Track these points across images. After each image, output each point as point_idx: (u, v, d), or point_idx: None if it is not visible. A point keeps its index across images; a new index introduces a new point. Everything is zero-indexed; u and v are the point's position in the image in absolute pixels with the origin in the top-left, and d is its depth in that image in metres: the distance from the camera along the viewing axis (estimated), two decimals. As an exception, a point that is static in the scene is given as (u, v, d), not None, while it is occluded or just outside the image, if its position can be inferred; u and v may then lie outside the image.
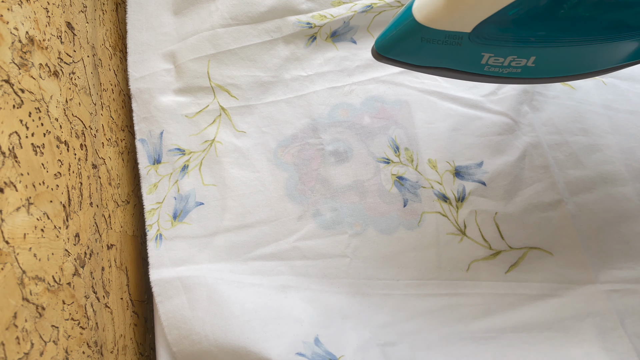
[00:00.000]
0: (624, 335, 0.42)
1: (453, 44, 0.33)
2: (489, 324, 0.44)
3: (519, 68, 0.36)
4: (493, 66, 0.36)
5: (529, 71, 0.36)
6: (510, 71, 0.36)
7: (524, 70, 0.36)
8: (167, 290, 0.44)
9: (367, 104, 0.50)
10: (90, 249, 0.39)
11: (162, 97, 0.50)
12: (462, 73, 0.37)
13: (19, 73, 0.32)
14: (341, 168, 0.48)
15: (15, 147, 0.30)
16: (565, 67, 0.37)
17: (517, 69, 0.36)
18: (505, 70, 0.36)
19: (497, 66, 0.36)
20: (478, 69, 0.36)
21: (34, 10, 0.35)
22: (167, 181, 0.48)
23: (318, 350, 0.42)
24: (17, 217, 0.29)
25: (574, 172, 0.47)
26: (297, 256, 0.46)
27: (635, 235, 0.45)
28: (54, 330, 0.31)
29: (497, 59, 0.35)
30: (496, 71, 0.36)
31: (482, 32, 0.32)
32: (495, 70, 0.36)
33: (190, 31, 0.52)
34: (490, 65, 0.36)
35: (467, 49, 0.33)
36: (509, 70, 0.36)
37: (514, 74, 0.37)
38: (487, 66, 0.36)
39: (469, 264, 0.46)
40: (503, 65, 0.36)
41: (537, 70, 0.36)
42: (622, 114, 0.49)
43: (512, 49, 0.34)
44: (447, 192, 0.48)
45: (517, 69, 0.36)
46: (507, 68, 0.36)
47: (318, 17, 0.51)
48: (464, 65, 0.36)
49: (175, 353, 0.42)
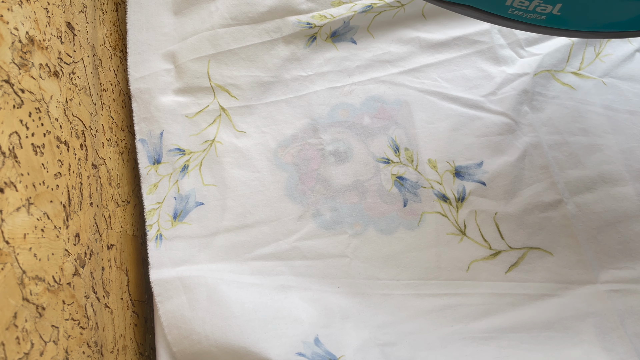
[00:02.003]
0: (624, 335, 0.42)
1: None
2: (489, 324, 0.44)
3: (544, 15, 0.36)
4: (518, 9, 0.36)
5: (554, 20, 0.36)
6: (534, 17, 0.36)
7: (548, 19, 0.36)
8: (167, 290, 0.44)
9: (367, 104, 0.50)
10: (90, 249, 0.39)
11: (162, 97, 0.50)
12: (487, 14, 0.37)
13: (19, 73, 0.32)
14: (341, 168, 0.48)
15: (15, 147, 0.30)
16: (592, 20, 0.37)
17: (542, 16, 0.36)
18: (530, 15, 0.36)
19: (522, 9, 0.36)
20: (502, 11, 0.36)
21: (34, 10, 0.35)
22: (167, 181, 0.48)
23: (318, 350, 0.42)
24: (17, 217, 0.29)
25: (574, 172, 0.47)
26: (297, 256, 0.46)
27: (635, 235, 0.45)
28: (54, 330, 0.31)
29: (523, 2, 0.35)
30: (520, 15, 0.36)
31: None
32: (519, 14, 0.36)
33: (190, 31, 0.52)
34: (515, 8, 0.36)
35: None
36: (533, 15, 0.36)
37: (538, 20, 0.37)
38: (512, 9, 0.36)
39: (469, 264, 0.46)
40: (528, 10, 0.36)
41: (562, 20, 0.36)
42: (622, 114, 0.49)
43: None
44: (447, 192, 0.48)
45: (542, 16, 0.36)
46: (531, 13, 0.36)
47: (318, 17, 0.51)
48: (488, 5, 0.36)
49: (175, 353, 0.43)
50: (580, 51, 0.51)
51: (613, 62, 0.50)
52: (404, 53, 0.51)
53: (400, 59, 0.51)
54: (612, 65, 0.50)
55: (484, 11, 0.37)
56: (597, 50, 0.51)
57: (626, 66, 0.50)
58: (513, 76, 0.49)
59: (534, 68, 0.49)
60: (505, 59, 0.50)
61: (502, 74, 0.50)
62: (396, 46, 0.52)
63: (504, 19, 0.37)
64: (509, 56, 0.50)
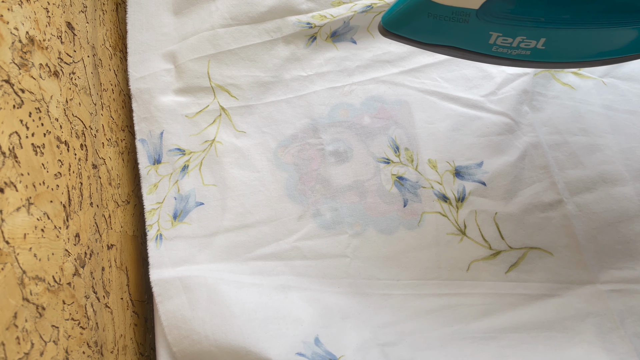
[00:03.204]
0: (624, 335, 0.42)
1: (460, 21, 0.33)
2: (489, 324, 0.44)
3: (528, 50, 0.35)
4: (501, 46, 0.35)
5: (539, 54, 0.36)
6: (519, 53, 0.36)
7: (533, 53, 0.36)
8: (167, 290, 0.44)
9: (367, 104, 0.50)
10: (90, 249, 0.39)
11: (162, 97, 0.50)
12: (470, 53, 0.36)
13: (19, 73, 0.32)
14: (341, 168, 0.48)
15: (15, 147, 0.30)
16: (577, 51, 0.37)
17: (526, 51, 0.35)
18: (514, 51, 0.35)
19: (505, 47, 0.35)
20: (486, 49, 0.36)
21: (34, 10, 0.35)
22: (167, 181, 0.48)
23: (318, 350, 0.42)
24: (17, 217, 0.29)
25: (574, 172, 0.47)
26: (297, 256, 0.46)
27: (635, 235, 0.45)
28: (54, 330, 0.31)
29: (506, 39, 0.34)
30: (504, 52, 0.36)
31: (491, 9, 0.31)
32: (503, 51, 0.35)
33: (190, 31, 0.52)
34: (499, 45, 0.35)
35: (474, 27, 0.33)
36: (517, 51, 0.35)
37: (522, 56, 0.36)
38: (495, 46, 0.35)
39: (469, 264, 0.46)
40: (512, 46, 0.35)
41: (547, 53, 0.36)
42: (622, 114, 0.49)
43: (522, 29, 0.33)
44: (447, 192, 0.48)
45: (526, 51, 0.35)
46: (515, 49, 0.35)
47: (318, 17, 0.51)
48: (471, 45, 0.35)
49: (176, 353, 0.43)
50: (580, 51, 0.51)
51: (613, 62, 0.50)
52: (404, 53, 0.51)
53: (400, 59, 0.51)
54: (612, 65, 0.50)
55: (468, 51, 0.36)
56: (597, 50, 0.51)
57: (626, 66, 0.50)
58: (513, 76, 0.49)
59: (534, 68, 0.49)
60: (505, 59, 0.50)
61: (502, 74, 0.50)
62: (396, 46, 0.52)
63: (488, 57, 0.37)
64: (509, 56, 0.50)
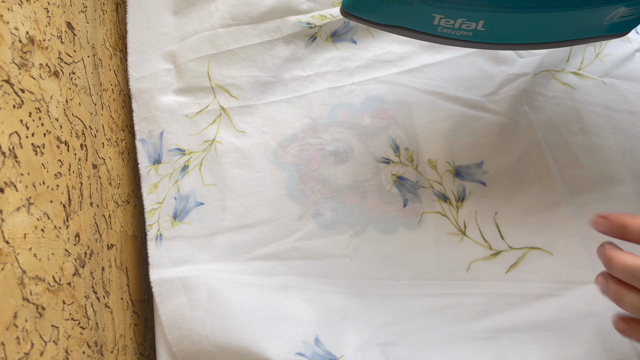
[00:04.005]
0: (624, 335, 0.42)
1: (406, 4, 0.36)
2: (489, 324, 0.44)
3: (469, 31, 0.38)
4: (445, 27, 0.38)
5: (481, 35, 0.39)
6: (462, 34, 0.39)
7: (475, 34, 0.39)
8: (167, 290, 0.44)
9: (367, 104, 0.50)
10: (90, 249, 0.39)
11: (162, 97, 0.50)
12: (418, 33, 0.39)
13: (19, 73, 0.32)
14: (341, 168, 0.48)
15: (15, 147, 0.30)
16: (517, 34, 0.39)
17: (468, 32, 0.38)
18: (457, 32, 0.38)
19: (448, 28, 0.38)
20: (431, 30, 0.39)
21: (34, 10, 0.35)
22: (167, 181, 0.48)
23: (318, 350, 0.42)
24: (17, 217, 0.29)
25: (574, 172, 0.47)
26: (297, 256, 0.46)
27: (635, 235, 0.45)
28: (54, 330, 0.31)
29: (448, 21, 0.37)
30: (448, 32, 0.39)
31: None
32: (447, 31, 0.38)
33: (190, 31, 0.52)
34: (442, 26, 0.38)
35: (419, 10, 0.37)
36: (460, 32, 0.38)
37: (465, 37, 0.39)
38: (440, 27, 0.38)
39: (469, 264, 0.46)
40: (454, 27, 0.38)
41: (488, 34, 0.39)
42: (622, 114, 0.49)
43: (460, 12, 0.37)
44: (447, 192, 0.48)
45: (468, 32, 0.38)
46: (458, 30, 0.38)
47: (318, 17, 0.51)
48: (418, 25, 0.38)
49: (176, 353, 0.43)
50: (580, 51, 0.51)
51: (613, 62, 0.50)
52: (404, 53, 0.51)
53: (401, 59, 0.51)
54: (612, 65, 0.50)
55: (417, 31, 0.39)
56: (597, 50, 0.51)
57: (626, 66, 0.50)
58: (513, 76, 0.49)
59: (534, 68, 0.49)
60: (505, 59, 0.50)
61: (502, 74, 0.50)
62: (396, 46, 0.52)
63: (434, 37, 0.40)
64: (509, 56, 0.50)
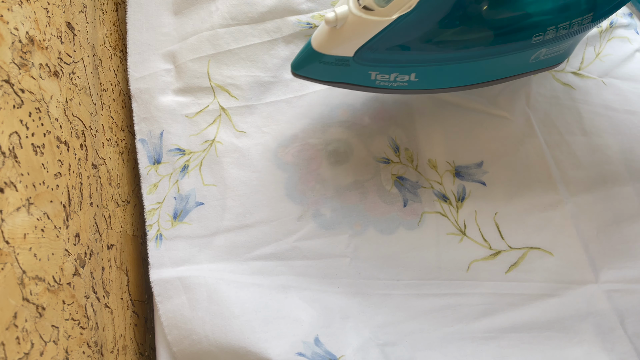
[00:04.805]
0: (624, 335, 0.42)
1: (343, 65, 0.40)
2: (489, 324, 0.44)
3: (405, 82, 0.42)
4: (382, 81, 0.42)
5: (415, 85, 0.42)
6: (398, 84, 0.42)
7: (410, 84, 0.42)
8: (167, 290, 0.44)
9: (367, 104, 0.50)
10: (90, 249, 0.39)
11: (162, 97, 0.50)
12: (359, 86, 0.43)
13: (19, 73, 0.32)
14: (341, 168, 0.48)
15: (15, 147, 0.30)
16: (449, 80, 0.43)
17: (403, 83, 0.42)
18: (394, 84, 0.42)
19: (385, 81, 0.42)
20: (370, 83, 0.42)
21: (34, 10, 0.35)
22: (167, 181, 0.48)
23: (318, 350, 0.42)
24: (17, 217, 0.29)
25: (574, 172, 0.47)
26: (297, 256, 0.46)
27: (635, 235, 0.45)
28: (54, 330, 0.32)
29: (384, 76, 0.41)
30: (386, 84, 0.42)
31: (362, 56, 0.39)
32: (385, 84, 0.42)
33: (190, 31, 0.51)
34: (380, 80, 0.42)
35: (355, 69, 0.40)
36: (396, 83, 0.42)
37: (402, 86, 0.42)
38: (377, 81, 0.42)
39: (469, 264, 0.46)
40: (390, 80, 0.42)
41: (422, 83, 0.42)
42: (622, 114, 0.49)
43: (393, 68, 0.40)
44: (447, 192, 0.48)
45: (403, 83, 0.42)
46: (394, 82, 0.42)
47: (318, 17, 0.51)
48: (358, 81, 0.42)
49: (176, 353, 0.43)
50: (580, 51, 0.51)
51: (613, 62, 0.50)
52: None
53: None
54: (612, 65, 0.50)
55: (357, 85, 0.43)
56: (597, 50, 0.51)
57: (626, 66, 0.50)
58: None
59: (534, 68, 0.49)
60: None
61: (502, 74, 0.50)
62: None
63: (374, 88, 0.43)
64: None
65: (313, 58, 0.40)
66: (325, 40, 0.39)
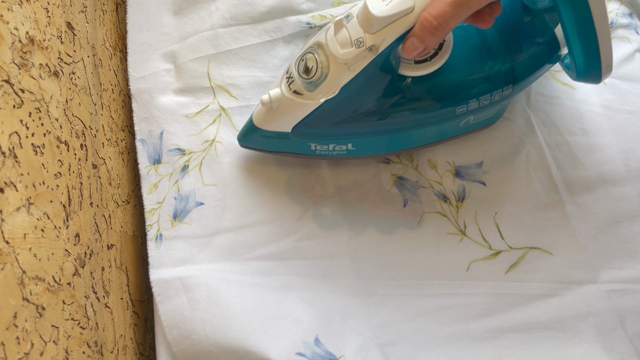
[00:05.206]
0: (624, 335, 0.42)
1: (283, 139, 0.43)
2: (489, 324, 0.44)
3: (343, 150, 0.44)
4: (322, 150, 0.44)
5: (354, 152, 0.45)
6: (338, 152, 0.45)
7: (349, 152, 0.45)
8: (167, 290, 0.44)
9: (367, 104, 0.50)
10: (90, 249, 0.39)
11: (162, 97, 0.50)
12: (302, 155, 0.46)
13: (19, 73, 0.32)
14: (341, 168, 0.48)
15: (15, 147, 0.30)
16: (384, 146, 0.46)
17: (342, 151, 0.45)
18: (333, 152, 0.45)
19: (324, 150, 0.44)
20: (312, 152, 0.45)
21: (34, 10, 0.35)
22: (167, 181, 0.48)
23: (318, 350, 0.42)
24: (17, 217, 0.29)
25: (574, 172, 0.47)
26: (297, 256, 0.46)
27: (635, 235, 0.45)
28: (54, 330, 0.32)
29: (322, 146, 0.44)
30: (326, 153, 0.45)
31: (299, 131, 0.42)
32: (325, 152, 0.45)
33: (190, 31, 0.51)
34: (319, 150, 0.44)
35: (295, 141, 0.43)
36: (336, 152, 0.45)
37: (342, 154, 0.45)
38: (317, 150, 0.44)
39: (469, 264, 0.46)
40: (329, 150, 0.44)
41: (360, 151, 0.45)
42: (622, 114, 0.49)
43: (329, 139, 0.43)
44: (447, 192, 0.48)
45: (342, 151, 0.45)
46: (334, 151, 0.44)
47: (318, 17, 0.51)
48: (300, 150, 0.45)
49: (176, 353, 0.43)
50: (580, 51, 0.51)
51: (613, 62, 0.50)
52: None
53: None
54: (612, 66, 0.50)
55: (299, 154, 0.45)
56: (597, 50, 0.51)
57: (626, 66, 0.50)
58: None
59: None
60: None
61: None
62: (396, 46, 0.52)
63: (317, 157, 0.46)
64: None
65: (255, 132, 0.44)
66: (263, 119, 0.43)
